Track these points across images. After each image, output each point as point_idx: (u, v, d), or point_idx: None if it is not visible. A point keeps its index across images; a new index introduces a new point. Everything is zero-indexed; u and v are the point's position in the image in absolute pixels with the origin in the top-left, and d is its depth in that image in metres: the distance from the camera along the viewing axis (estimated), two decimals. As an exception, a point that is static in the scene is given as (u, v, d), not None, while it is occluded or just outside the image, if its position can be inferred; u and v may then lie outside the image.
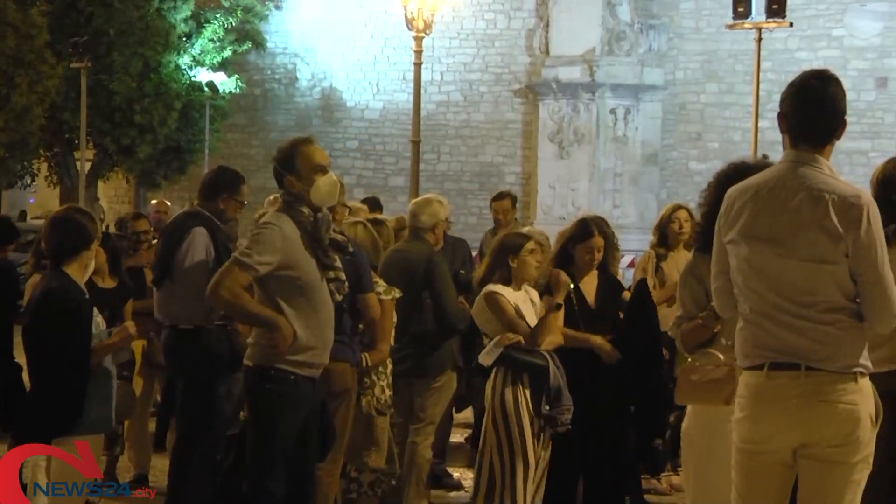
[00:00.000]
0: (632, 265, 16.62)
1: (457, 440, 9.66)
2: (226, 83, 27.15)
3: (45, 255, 6.08)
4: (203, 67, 26.94)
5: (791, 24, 21.74)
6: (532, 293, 6.95)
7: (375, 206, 11.20)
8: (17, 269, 8.36)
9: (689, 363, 5.08)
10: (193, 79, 26.79)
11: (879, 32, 24.92)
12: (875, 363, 4.31)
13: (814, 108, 4.29)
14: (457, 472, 8.83)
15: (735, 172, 4.99)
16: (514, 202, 11.26)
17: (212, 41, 27.20)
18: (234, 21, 27.57)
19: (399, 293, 7.06)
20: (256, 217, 7.53)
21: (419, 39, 22.87)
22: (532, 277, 6.95)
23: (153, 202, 14.42)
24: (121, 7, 25.66)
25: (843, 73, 19.02)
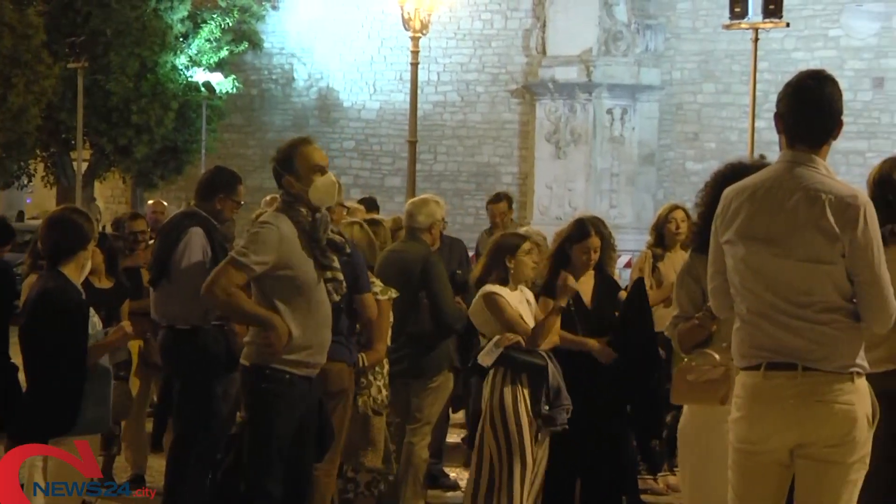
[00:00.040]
0: (628, 265, 16.63)
1: (453, 440, 9.65)
2: (222, 83, 27.17)
3: (42, 256, 6.06)
4: (200, 68, 26.97)
5: (788, 25, 21.80)
6: (527, 293, 6.94)
7: (372, 207, 11.19)
8: (14, 270, 8.33)
9: (686, 363, 5.07)
10: (190, 79, 26.82)
11: (876, 33, 24.93)
12: (872, 363, 4.32)
13: (810, 109, 4.29)
14: (453, 472, 8.83)
15: (732, 172, 4.99)
16: (511, 204, 11.26)
17: (208, 41, 27.22)
18: (231, 21, 27.59)
19: (395, 293, 7.06)
20: (254, 217, 7.52)
21: (416, 40, 22.87)
22: (529, 278, 6.94)
23: (150, 202, 14.39)
24: (117, 7, 25.67)
25: (840, 74, 19.06)
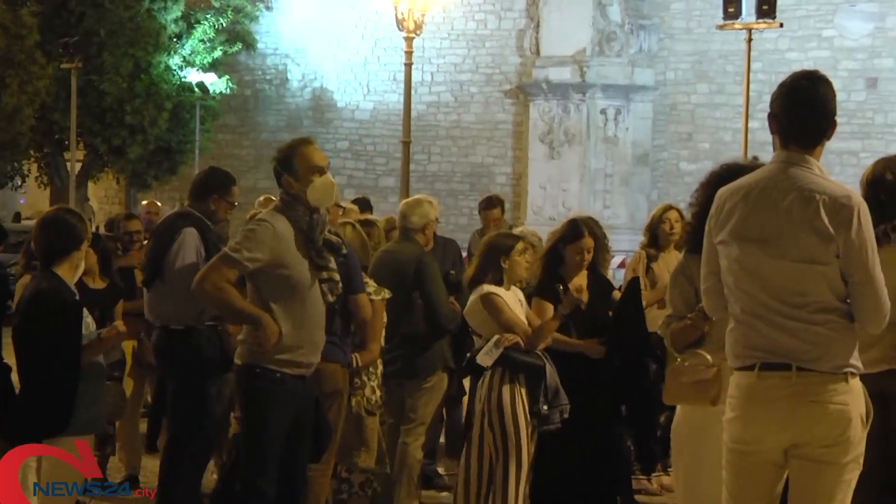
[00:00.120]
0: (622, 266, 16.62)
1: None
2: (216, 84, 27.12)
3: (36, 256, 6.06)
4: (193, 68, 26.93)
5: (781, 25, 21.80)
6: (519, 294, 6.95)
7: (365, 207, 11.20)
8: (7, 270, 8.33)
9: (678, 363, 5.09)
10: (184, 79, 26.77)
11: (869, 33, 24.96)
12: (866, 364, 4.32)
13: (804, 109, 4.29)
14: (447, 473, 8.82)
15: (726, 173, 4.99)
16: (503, 209, 11.29)
17: (202, 42, 27.18)
18: (225, 22, 27.55)
19: (389, 294, 7.06)
20: (248, 218, 7.51)
21: (409, 40, 22.86)
22: (523, 278, 6.95)
23: (144, 203, 14.35)
24: (111, 7, 25.63)
25: (834, 74, 19.03)
